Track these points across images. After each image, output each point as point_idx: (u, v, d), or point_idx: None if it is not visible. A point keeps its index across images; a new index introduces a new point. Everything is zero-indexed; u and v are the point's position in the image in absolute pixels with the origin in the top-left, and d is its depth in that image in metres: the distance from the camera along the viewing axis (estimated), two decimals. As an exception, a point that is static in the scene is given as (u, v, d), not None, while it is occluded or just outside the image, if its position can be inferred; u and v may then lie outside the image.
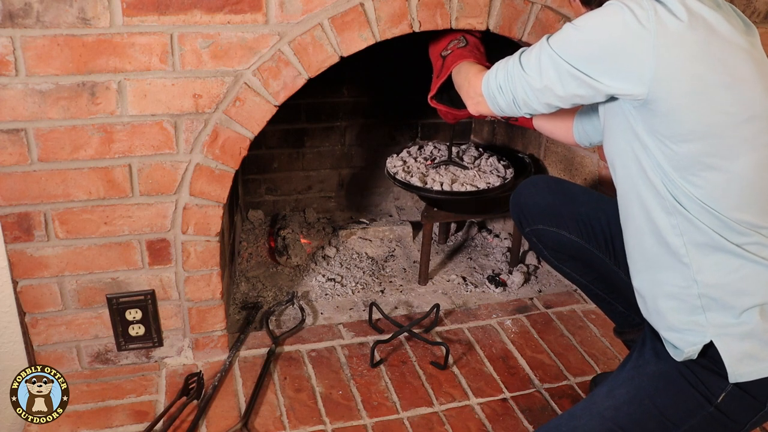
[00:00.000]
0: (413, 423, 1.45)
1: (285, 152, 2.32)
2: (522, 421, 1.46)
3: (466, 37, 1.52)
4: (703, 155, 0.98)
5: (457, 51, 1.48)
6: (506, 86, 1.16)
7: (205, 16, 1.28)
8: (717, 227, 1.00)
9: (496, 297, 1.96)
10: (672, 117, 0.97)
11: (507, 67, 1.16)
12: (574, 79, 1.04)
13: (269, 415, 1.45)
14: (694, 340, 1.03)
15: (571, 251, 1.40)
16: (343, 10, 1.34)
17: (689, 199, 1.00)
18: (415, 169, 1.85)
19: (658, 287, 1.09)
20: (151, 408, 1.46)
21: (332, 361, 1.63)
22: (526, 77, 1.11)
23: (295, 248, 2.09)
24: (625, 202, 1.12)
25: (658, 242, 1.07)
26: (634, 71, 0.97)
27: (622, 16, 0.97)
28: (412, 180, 1.77)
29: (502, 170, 1.90)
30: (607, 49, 0.99)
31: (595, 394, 1.14)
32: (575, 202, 1.37)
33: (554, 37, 1.07)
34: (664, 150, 1.00)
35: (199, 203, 1.44)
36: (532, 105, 1.13)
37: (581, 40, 1.03)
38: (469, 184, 1.76)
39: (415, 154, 1.97)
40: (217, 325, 1.59)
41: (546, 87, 1.08)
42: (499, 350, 1.70)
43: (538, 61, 1.08)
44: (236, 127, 1.39)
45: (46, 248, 1.40)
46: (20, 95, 1.25)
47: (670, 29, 0.95)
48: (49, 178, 1.34)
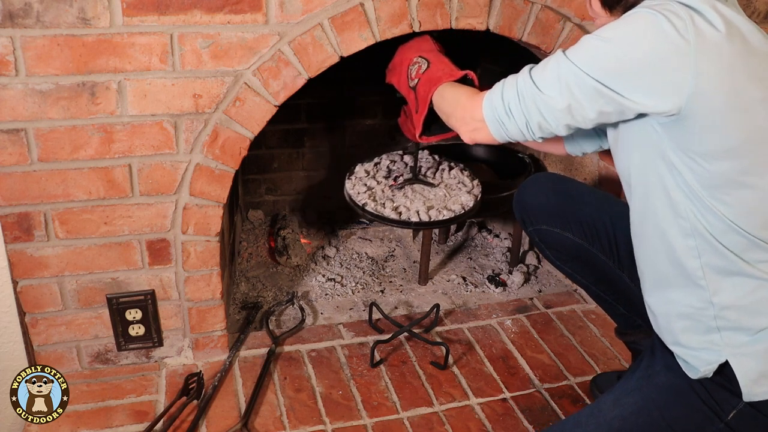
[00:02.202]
0: (413, 423, 1.45)
1: (285, 152, 2.32)
2: (522, 421, 1.46)
3: (424, 55, 1.37)
4: (736, 173, 0.93)
5: (424, 76, 1.33)
6: (517, 109, 1.03)
7: (205, 16, 1.28)
8: (740, 248, 0.96)
9: (496, 297, 1.96)
10: (707, 134, 0.91)
11: (517, 87, 1.04)
12: (601, 97, 0.94)
13: (269, 415, 1.45)
14: (709, 358, 1.00)
15: (574, 252, 1.37)
16: (343, 10, 1.34)
17: (717, 218, 0.95)
18: (380, 193, 1.63)
19: (670, 306, 1.06)
20: (151, 408, 1.46)
21: (332, 361, 1.63)
22: (542, 97, 0.99)
23: (295, 248, 2.09)
24: (640, 219, 1.07)
25: (672, 263, 1.03)
26: (672, 87, 0.90)
27: (659, 26, 0.89)
28: (386, 212, 1.56)
29: (468, 183, 1.72)
30: (642, 63, 0.91)
31: (601, 401, 1.10)
32: (579, 202, 1.34)
33: (575, 50, 0.97)
34: (695, 168, 0.94)
35: (199, 203, 1.44)
36: (550, 128, 1.02)
37: (611, 53, 0.93)
38: (444, 208, 1.62)
39: (373, 173, 1.74)
40: (217, 325, 1.59)
41: (569, 107, 0.97)
42: (499, 350, 1.70)
43: (557, 78, 0.97)
44: (236, 127, 1.39)
45: (46, 248, 1.40)
46: (20, 95, 1.25)
47: (709, 40, 0.88)
48: (49, 178, 1.34)
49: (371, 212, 1.57)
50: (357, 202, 1.59)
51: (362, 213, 1.58)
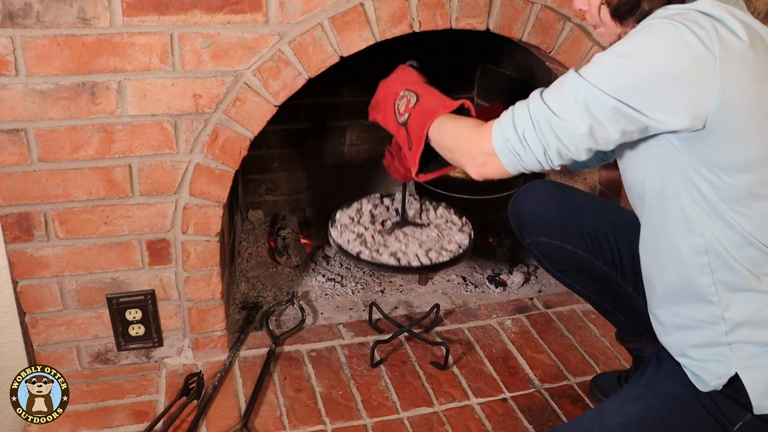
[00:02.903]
0: (413, 423, 1.45)
1: (285, 152, 2.32)
2: (522, 421, 1.46)
3: (410, 87, 1.26)
4: (758, 185, 0.90)
5: (415, 110, 1.21)
6: (533, 137, 0.95)
7: (205, 16, 1.28)
8: (754, 263, 0.94)
9: (496, 297, 1.96)
10: (731, 146, 0.88)
11: (530, 114, 0.96)
12: (623, 117, 0.89)
13: (269, 415, 1.45)
14: (718, 371, 0.98)
15: (575, 264, 1.33)
16: (343, 10, 1.34)
17: (735, 231, 0.93)
18: (371, 240, 1.58)
19: (679, 319, 1.04)
20: (151, 408, 1.46)
21: (332, 361, 1.63)
22: (560, 122, 0.92)
23: (295, 248, 2.09)
24: (652, 234, 1.04)
25: (683, 279, 1.00)
26: (697, 101, 0.85)
27: (682, 38, 0.85)
28: (383, 258, 1.50)
29: (457, 221, 1.70)
30: (666, 78, 0.86)
31: (604, 407, 1.08)
32: (579, 212, 1.29)
33: (590, 69, 0.91)
34: (715, 182, 0.91)
35: (199, 203, 1.44)
36: (570, 154, 0.95)
37: (632, 70, 0.88)
38: (441, 248, 1.58)
39: (357, 218, 1.68)
40: (217, 325, 1.59)
41: (590, 130, 0.91)
42: (499, 350, 1.70)
43: (575, 101, 0.91)
44: (236, 127, 1.39)
45: (46, 248, 1.40)
46: (20, 95, 1.25)
47: (734, 50, 0.85)
48: (49, 178, 1.34)
49: (367, 260, 1.49)
50: (349, 251, 1.51)
51: (357, 262, 1.46)
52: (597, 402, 1.52)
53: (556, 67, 1.66)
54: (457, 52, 2.32)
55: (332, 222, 1.64)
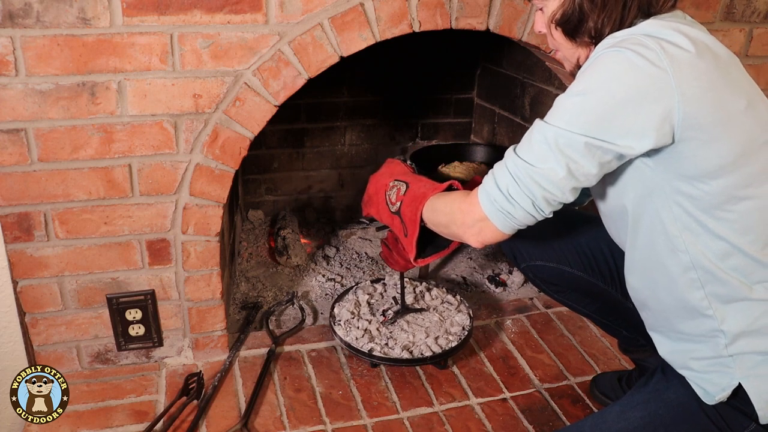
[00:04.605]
0: (413, 423, 1.45)
1: (285, 152, 2.32)
2: (522, 421, 1.46)
3: (399, 178, 1.29)
4: (734, 188, 0.92)
5: (407, 197, 1.23)
6: (517, 192, 0.97)
7: (205, 16, 1.28)
8: (742, 271, 0.95)
9: (496, 297, 1.96)
10: (702, 154, 0.90)
11: (508, 171, 0.98)
12: (596, 149, 0.91)
13: (269, 415, 1.45)
14: (722, 382, 0.98)
15: (572, 284, 1.32)
16: (343, 10, 1.34)
17: (718, 240, 0.94)
18: (376, 333, 1.63)
19: (678, 335, 1.04)
20: (151, 408, 1.46)
21: (332, 361, 1.63)
22: (538, 171, 0.94)
23: (295, 248, 2.09)
24: (640, 256, 1.05)
25: (674, 296, 1.01)
26: (661, 118, 0.88)
27: (632, 62, 0.88)
28: (394, 353, 1.55)
29: (453, 300, 1.76)
30: (625, 104, 0.88)
31: (606, 412, 1.08)
32: (574, 231, 1.28)
33: (553, 114, 0.94)
34: (694, 193, 0.92)
35: (199, 203, 1.44)
36: (558, 198, 0.97)
37: (590, 105, 0.90)
38: (446, 333, 1.62)
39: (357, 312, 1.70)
40: (217, 325, 1.59)
41: (570, 171, 0.93)
42: (499, 350, 1.70)
43: (548, 147, 0.93)
44: (236, 127, 1.39)
45: (46, 248, 1.40)
46: (20, 95, 1.25)
47: (682, 63, 0.88)
48: (49, 178, 1.34)
49: (381, 357, 1.55)
50: (360, 349, 1.56)
51: (370, 359, 1.56)
52: (597, 402, 1.52)
53: (556, 67, 1.66)
54: (457, 52, 2.32)
55: (334, 320, 1.68)
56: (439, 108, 2.46)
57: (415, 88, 2.38)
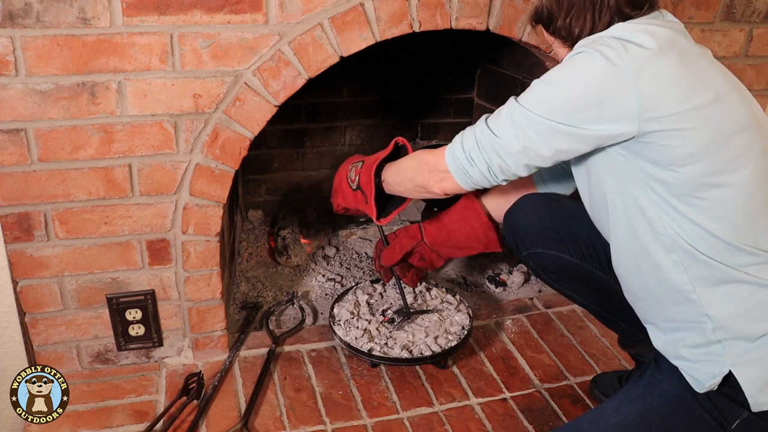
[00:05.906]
0: (413, 423, 1.45)
1: (285, 152, 2.32)
2: (522, 421, 1.46)
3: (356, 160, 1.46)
4: (705, 175, 0.96)
5: (362, 169, 1.41)
6: (477, 155, 1.09)
7: (205, 16, 1.28)
8: (721, 255, 0.97)
9: (496, 297, 1.96)
10: (669, 143, 0.95)
11: (474, 136, 1.10)
12: (557, 134, 1.01)
13: (269, 415, 1.45)
14: (712, 371, 1.00)
15: (572, 273, 1.35)
16: (343, 10, 1.34)
17: (692, 225, 0.98)
18: (376, 332, 1.63)
19: (668, 323, 1.07)
20: (151, 408, 1.46)
21: (332, 361, 1.63)
22: (500, 141, 1.05)
23: (295, 248, 2.09)
24: (624, 244, 1.10)
25: (661, 282, 1.04)
26: (621, 111, 0.95)
27: (594, 61, 0.97)
28: (394, 353, 1.56)
29: (453, 300, 1.77)
30: (588, 97, 0.97)
31: (603, 408, 1.11)
32: (574, 221, 1.31)
33: (525, 96, 1.04)
34: (667, 178, 0.98)
35: (199, 203, 1.44)
36: (511, 170, 1.08)
37: (557, 94, 1.00)
38: (446, 332, 1.63)
39: (356, 312, 1.70)
40: (217, 325, 1.59)
41: (525, 148, 1.03)
42: (499, 350, 1.70)
43: (512, 123, 1.04)
44: (236, 127, 1.39)
45: (46, 248, 1.40)
46: (20, 95, 1.25)
47: (642, 59, 0.95)
48: (49, 178, 1.34)
49: (381, 356, 1.55)
50: (360, 349, 1.57)
51: (370, 359, 1.56)
52: (597, 402, 1.52)
53: (556, 67, 1.66)
54: (457, 52, 2.32)
55: (333, 320, 1.68)
56: (439, 108, 2.46)
57: (415, 88, 2.38)
